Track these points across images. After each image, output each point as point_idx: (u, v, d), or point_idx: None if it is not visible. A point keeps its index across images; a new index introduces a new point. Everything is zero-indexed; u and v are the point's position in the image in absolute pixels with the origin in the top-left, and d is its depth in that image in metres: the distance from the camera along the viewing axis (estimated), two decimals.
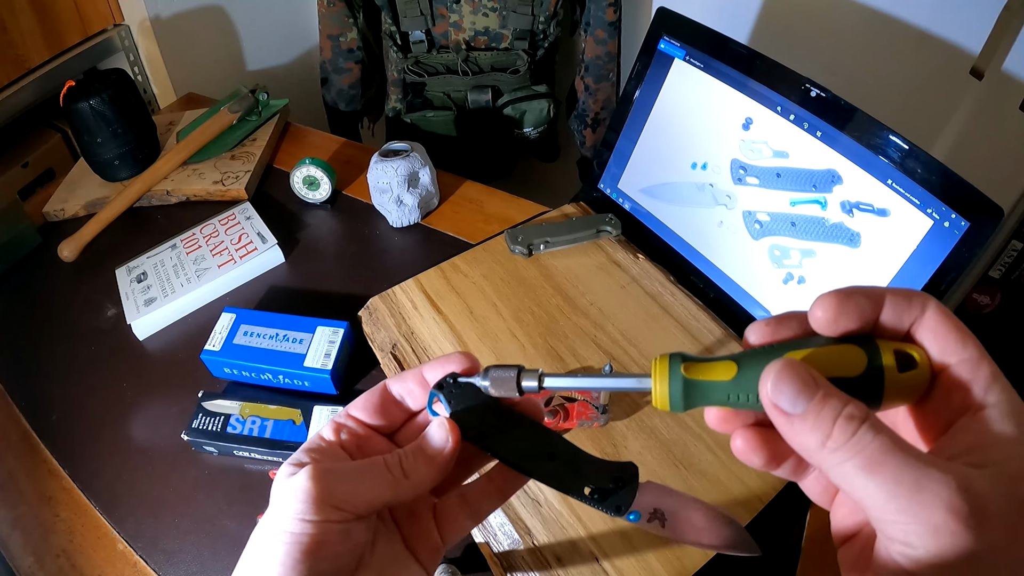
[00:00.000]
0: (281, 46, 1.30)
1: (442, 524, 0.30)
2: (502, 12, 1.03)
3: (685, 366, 0.24)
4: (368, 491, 0.26)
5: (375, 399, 0.30)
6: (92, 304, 0.76)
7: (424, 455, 0.28)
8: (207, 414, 0.61)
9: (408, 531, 0.29)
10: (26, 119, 0.97)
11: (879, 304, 0.22)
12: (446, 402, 0.29)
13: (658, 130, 0.71)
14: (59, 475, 0.61)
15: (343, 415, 0.30)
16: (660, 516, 0.30)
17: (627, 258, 0.72)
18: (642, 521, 0.30)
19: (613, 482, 0.30)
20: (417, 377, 0.30)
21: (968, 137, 0.88)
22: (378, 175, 0.78)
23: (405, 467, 0.27)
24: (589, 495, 0.29)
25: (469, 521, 0.30)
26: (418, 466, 0.27)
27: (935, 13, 0.85)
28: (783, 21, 1.00)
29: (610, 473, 0.30)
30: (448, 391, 0.29)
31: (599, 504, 0.29)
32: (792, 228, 0.61)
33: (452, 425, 0.28)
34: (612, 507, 0.29)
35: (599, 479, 0.29)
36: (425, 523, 0.30)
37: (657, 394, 0.24)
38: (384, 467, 0.27)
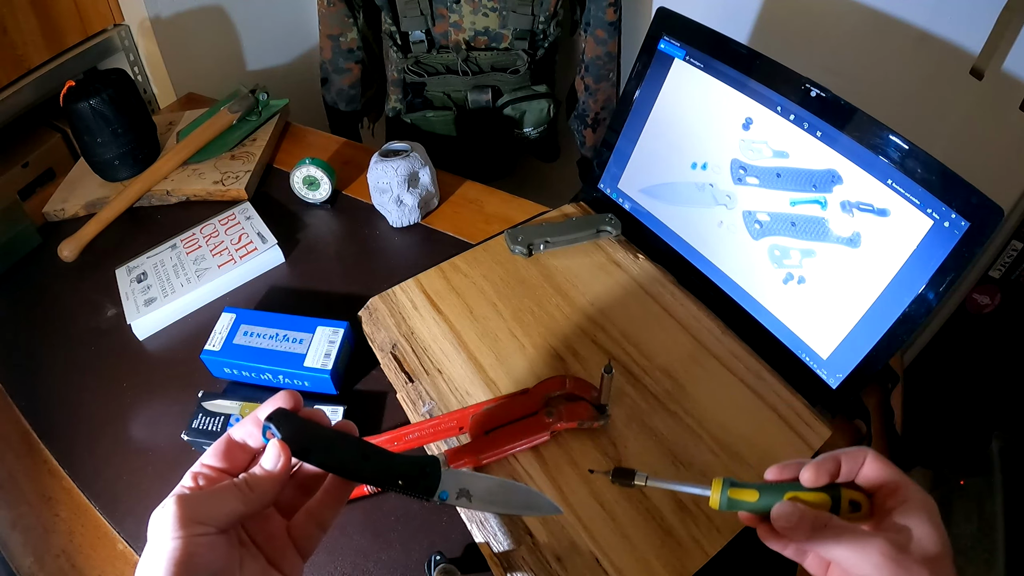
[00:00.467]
0: (281, 46, 1.30)
1: (296, 537, 0.37)
2: (502, 12, 1.03)
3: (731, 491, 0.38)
4: (224, 506, 0.33)
5: (222, 447, 0.36)
6: (92, 304, 0.76)
7: (263, 471, 0.35)
8: (207, 414, 0.61)
9: (269, 551, 0.36)
10: (26, 119, 0.97)
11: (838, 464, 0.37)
12: (276, 429, 0.35)
13: (658, 130, 0.71)
14: (59, 475, 0.61)
15: (198, 465, 0.36)
16: (466, 494, 0.38)
17: (627, 258, 0.72)
18: (451, 498, 0.38)
19: (419, 472, 0.37)
20: (254, 420, 0.36)
21: (968, 137, 0.88)
22: (378, 175, 0.78)
23: (250, 483, 0.34)
24: (402, 485, 0.37)
25: (318, 531, 0.37)
26: (260, 481, 0.34)
27: (935, 13, 0.85)
28: (783, 21, 1.00)
29: (417, 465, 0.38)
30: (277, 421, 0.35)
31: (411, 491, 0.37)
32: (792, 228, 0.61)
33: (282, 445, 0.35)
34: (422, 490, 0.37)
35: (408, 471, 0.37)
36: (281, 541, 0.36)
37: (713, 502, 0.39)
38: (234, 486, 0.34)
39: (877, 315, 0.55)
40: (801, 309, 0.61)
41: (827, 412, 0.59)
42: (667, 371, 0.61)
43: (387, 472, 0.37)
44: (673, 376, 0.60)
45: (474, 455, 0.54)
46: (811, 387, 0.60)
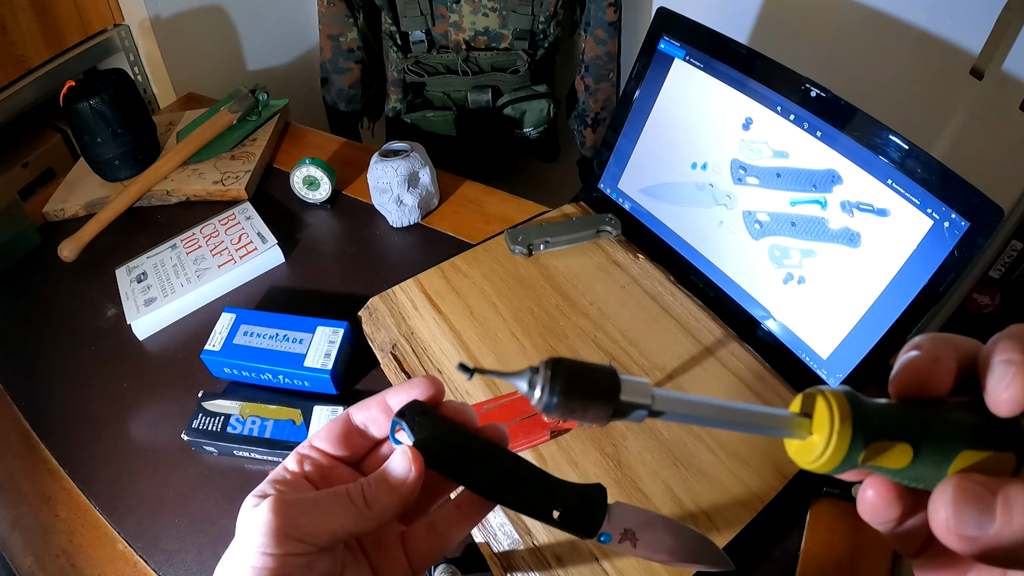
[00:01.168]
0: (281, 46, 1.30)
1: (411, 551, 0.30)
2: (502, 12, 1.03)
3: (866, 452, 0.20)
4: (330, 522, 0.26)
5: (338, 429, 0.30)
6: (92, 304, 0.76)
7: (387, 485, 0.27)
8: (207, 414, 0.61)
9: (377, 560, 0.29)
10: (26, 119, 0.97)
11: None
12: (409, 430, 0.28)
13: (658, 130, 0.71)
14: (59, 475, 0.61)
15: (306, 446, 0.29)
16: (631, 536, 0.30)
17: (627, 258, 0.72)
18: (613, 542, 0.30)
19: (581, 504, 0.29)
20: (380, 404, 0.29)
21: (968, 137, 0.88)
22: (378, 175, 0.78)
23: (367, 497, 0.27)
24: (559, 518, 0.29)
25: (438, 548, 0.30)
26: (381, 496, 0.27)
27: (935, 13, 0.85)
28: (783, 21, 1.00)
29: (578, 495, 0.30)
30: (411, 419, 0.28)
31: (569, 527, 0.29)
32: (792, 228, 0.61)
33: (415, 454, 0.28)
34: (583, 529, 0.29)
35: (568, 502, 0.29)
36: (394, 552, 0.29)
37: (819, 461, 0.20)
38: (347, 498, 0.27)
39: (877, 315, 0.55)
40: (801, 309, 0.61)
41: None
42: (667, 371, 0.61)
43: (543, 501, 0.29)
44: (673, 376, 0.60)
45: None
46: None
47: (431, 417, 0.29)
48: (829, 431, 0.19)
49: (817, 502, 0.57)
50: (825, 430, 0.19)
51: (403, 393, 0.29)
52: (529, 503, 0.29)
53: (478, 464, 0.29)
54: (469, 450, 0.29)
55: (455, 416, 0.30)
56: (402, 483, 0.27)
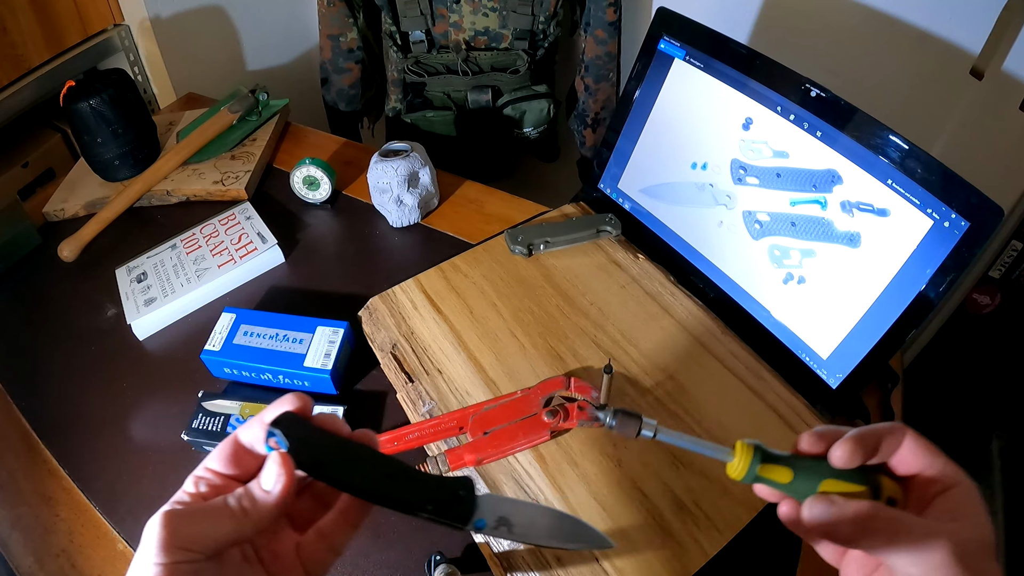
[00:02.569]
0: (281, 46, 1.30)
1: (305, 559, 0.32)
2: (502, 12, 1.03)
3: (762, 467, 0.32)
4: (212, 530, 0.28)
5: (227, 450, 0.32)
6: (92, 304, 0.76)
7: (260, 491, 0.30)
8: (207, 414, 0.61)
9: (274, 570, 0.31)
10: (26, 119, 0.97)
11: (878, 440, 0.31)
12: (281, 438, 0.30)
13: (658, 130, 0.71)
14: (59, 475, 0.61)
15: (201, 468, 0.32)
16: (506, 523, 0.33)
17: (627, 258, 0.72)
18: (489, 528, 0.32)
19: (451, 496, 0.32)
20: (261, 423, 0.31)
21: (968, 137, 0.88)
22: (378, 175, 0.78)
23: (244, 504, 0.29)
24: (431, 511, 0.31)
25: (330, 555, 0.32)
26: (256, 502, 0.30)
27: (935, 13, 0.85)
28: (783, 21, 1.00)
29: (448, 488, 0.32)
30: (283, 428, 0.30)
31: (443, 518, 0.31)
32: (792, 228, 0.61)
33: (285, 459, 0.30)
34: (455, 518, 0.32)
35: (438, 495, 0.32)
36: (289, 561, 0.32)
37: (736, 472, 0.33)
38: (226, 506, 0.29)
39: (877, 315, 0.55)
40: (801, 309, 0.61)
41: (827, 412, 0.59)
42: (667, 371, 0.61)
43: (414, 496, 0.31)
44: (673, 376, 0.60)
45: (474, 455, 0.54)
46: (811, 387, 0.60)
47: (302, 426, 0.31)
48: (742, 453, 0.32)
49: None
50: (740, 454, 0.32)
51: (276, 409, 0.32)
52: (401, 499, 0.31)
53: (348, 465, 0.31)
54: (339, 453, 0.31)
55: (326, 425, 0.32)
56: (274, 487, 0.30)
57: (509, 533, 0.33)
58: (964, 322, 1.00)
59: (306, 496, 0.34)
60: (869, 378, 0.58)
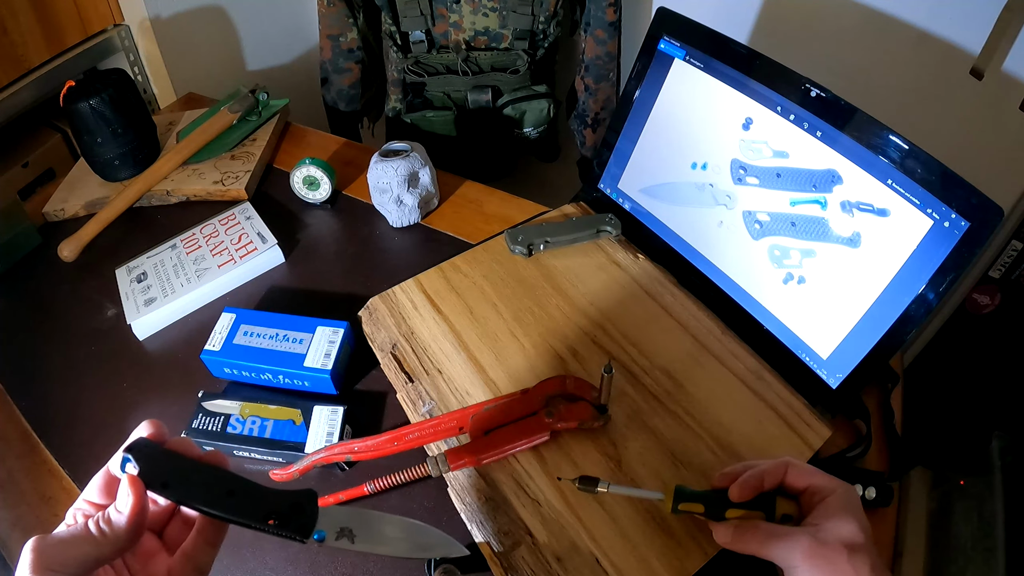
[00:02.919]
0: (281, 46, 1.30)
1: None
2: (502, 12, 1.03)
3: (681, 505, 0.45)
4: (75, 551, 0.31)
5: (99, 481, 0.34)
6: (92, 304, 0.76)
7: (116, 512, 0.32)
8: (207, 414, 0.61)
9: None
10: (26, 119, 0.97)
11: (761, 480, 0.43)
12: (135, 462, 0.33)
13: (658, 130, 0.71)
14: (59, 475, 0.61)
15: (79, 500, 0.34)
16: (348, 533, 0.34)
17: (627, 258, 0.72)
18: (330, 539, 0.34)
19: (292, 509, 0.33)
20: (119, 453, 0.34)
21: (968, 137, 0.88)
22: (378, 175, 0.78)
23: (102, 526, 0.32)
24: (273, 525, 0.33)
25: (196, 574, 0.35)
26: (112, 523, 0.32)
27: (935, 13, 0.85)
28: (783, 21, 1.00)
29: (289, 502, 0.33)
30: (137, 452, 0.33)
31: (282, 530, 0.33)
32: (792, 228, 0.61)
33: (134, 481, 0.33)
34: (295, 530, 0.33)
35: (279, 507, 0.33)
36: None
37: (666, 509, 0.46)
38: (86, 528, 0.32)
39: (877, 315, 0.55)
40: (801, 309, 0.61)
41: (827, 412, 0.59)
42: (667, 371, 0.61)
43: (254, 508, 0.33)
44: (673, 376, 0.60)
45: (474, 455, 0.54)
46: (811, 387, 0.60)
47: (153, 450, 0.34)
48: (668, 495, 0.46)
49: None
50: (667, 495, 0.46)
51: (133, 436, 0.35)
52: (243, 513, 0.33)
53: (194, 484, 0.33)
54: (184, 473, 0.33)
55: (177, 448, 0.35)
56: (125, 506, 0.32)
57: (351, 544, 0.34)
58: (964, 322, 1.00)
59: (178, 520, 0.37)
60: (869, 378, 0.58)
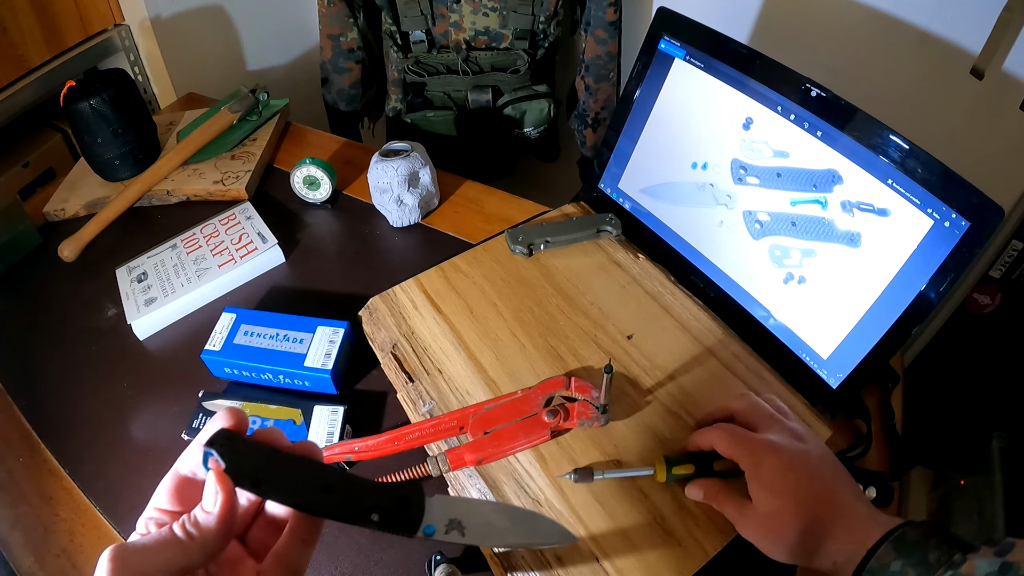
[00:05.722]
0: (281, 46, 1.30)
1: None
2: (502, 12, 1.03)
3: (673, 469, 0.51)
4: (159, 558, 0.28)
5: (170, 485, 0.32)
6: (92, 304, 0.76)
7: (203, 513, 0.29)
8: (207, 414, 0.61)
9: None
10: (26, 119, 0.97)
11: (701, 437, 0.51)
12: (219, 457, 0.29)
13: (658, 130, 0.71)
14: (59, 475, 0.61)
15: (149, 508, 0.31)
16: (458, 526, 0.31)
17: (627, 258, 0.72)
18: (439, 533, 0.30)
19: (397, 503, 0.30)
20: (197, 449, 0.31)
21: (968, 137, 0.88)
22: (378, 175, 0.78)
23: (189, 529, 0.29)
24: (378, 520, 0.30)
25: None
26: (200, 525, 0.29)
27: (935, 13, 0.85)
28: (783, 21, 1.00)
29: (393, 495, 0.31)
30: (219, 447, 0.30)
31: (389, 527, 0.30)
32: (792, 228, 0.61)
33: (221, 476, 0.29)
34: (402, 527, 0.30)
35: (383, 502, 0.30)
36: None
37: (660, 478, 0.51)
38: (171, 533, 0.29)
39: (877, 315, 0.55)
40: (801, 309, 0.61)
41: (827, 412, 0.59)
42: (667, 371, 0.61)
43: (356, 504, 0.30)
44: (673, 376, 0.60)
45: (474, 455, 0.54)
46: (811, 387, 0.60)
47: (238, 442, 0.30)
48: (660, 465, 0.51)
49: None
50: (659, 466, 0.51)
51: (212, 428, 0.31)
52: (344, 509, 0.30)
53: (288, 479, 0.30)
54: (276, 466, 0.30)
55: (265, 439, 0.32)
56: (214, 508, 0.29)
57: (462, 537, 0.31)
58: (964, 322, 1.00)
59: (261, 522, 0.34)
60: (869, 378, 0.58)
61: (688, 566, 0.48)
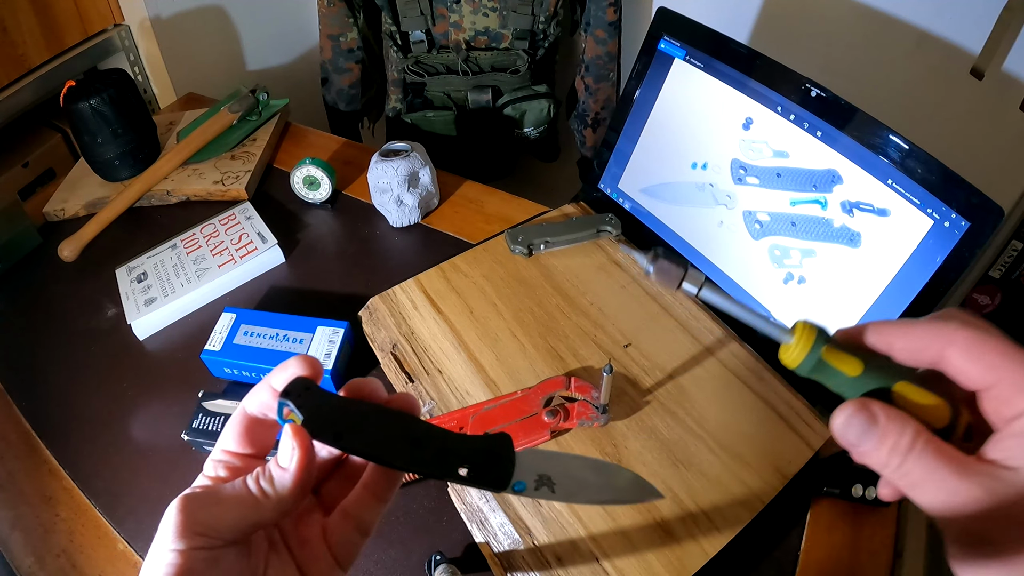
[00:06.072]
0: (281, 46, 1.30)
1: (333, 544, 0.29)
2: (502, 12, 1.03)
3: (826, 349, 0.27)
4: (230, 514, 0.26)
5: (240, 426, 0.29)
6: (92, 304, 0.76)
7: (278, 468, 0.27)
8: (207, 414, 0.61)
9: (301, 557, 0.29)
10: (26, 119, 0.97)
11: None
12: (296, 408, 0.27)
13: (658, 130, 0.71)
14: (59, 475, 0.61)
15: (217, 450, 0.29)
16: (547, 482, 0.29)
17: (627, 258, 0.72)
18: (529, 490, 0.29)
19: (487, 457, 0.28)
20: (269, 390, 0.29)
21: (968, 137, 0.88)
22: (378, 175, 0.78)
23: (263, 484, 0.27)
24: (466, 475, 0.28)
25: (358, 536, 0.30)
26: (274, 481, 0.27)
27: (935, 13, 0.85)
28: (783, 21, 1.00)
29: (483, 449, 0.29)
30: (295, 397, 0.28)
31: (478, 482, 0.28)
32: (792, 228, 0.61)
33: (299, 431, 0.27)
34: (492, 482, 0.28)
35: (472, 456, 0.28)
36: (316, 547, 0.29)
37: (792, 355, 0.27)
38: (244, 487, 0.27)
39: (877, 315, 0.55)
40: (801, 309, 0.61)
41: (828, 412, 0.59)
42: (667, 371, 0.61)
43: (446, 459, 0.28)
44: (673, 376, 0.60)
45: None
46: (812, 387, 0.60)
47: (316, 392, 0.28)
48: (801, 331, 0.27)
49: (817, 502, 0.57)
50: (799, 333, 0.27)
51: (284, 373, 0.28)
52: (432, 464, 0.28)
53: (371, 431, 0.28)
54: (360, 418, 0.28)
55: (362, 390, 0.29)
56: (291, 464, 0.27)
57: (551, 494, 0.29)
58: None
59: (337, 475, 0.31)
60: None
61: (688, 566, 0.48)
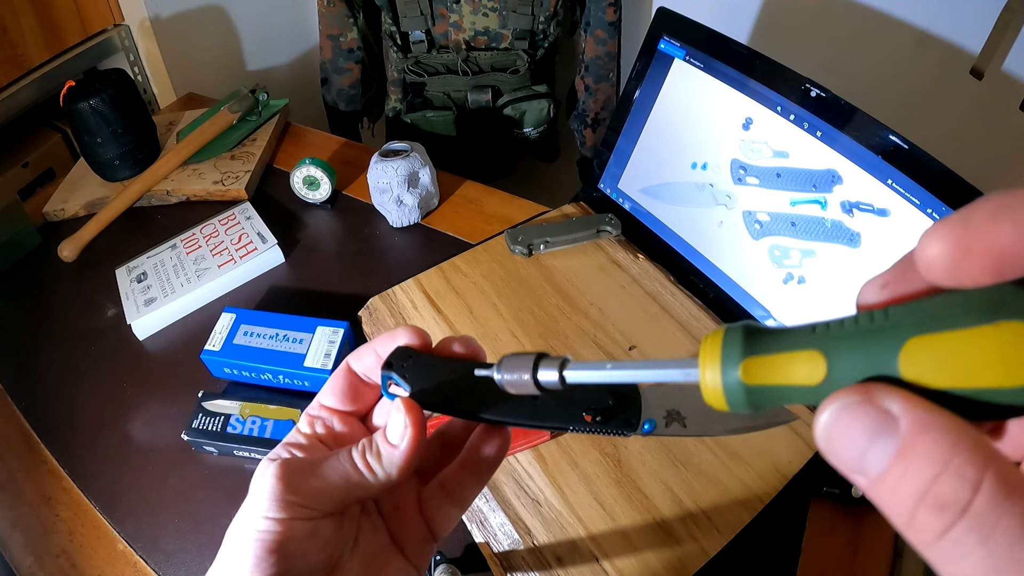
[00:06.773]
0: (281, 46, 1.30)
1: (428, 515, 0.28)
2: (502, 12, 1.03)
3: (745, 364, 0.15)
4: (333, 488, 0.25)
5: (340, 383, 0.28)
6: (92, 304, 0.76)
7: (387, 445, 0.25)
8: (207, 414, 0.61)
9: (394, 525, 0.28)
10: (26, 119, 0.97)
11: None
12: (401, 380, 0.26)
13: (658, 130, 0.71)
14: (59, 475, 0.61)
15: (315, 406, 0.28)
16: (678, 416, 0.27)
17: (627, 258, 0.72)
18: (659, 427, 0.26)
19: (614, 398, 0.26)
20: (372, 353, 0.27)
21: (968, 137, 0.88)
22: (378, 175, 0.78)
23: (370, 461, 0.25)
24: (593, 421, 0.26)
25: (455, 509, 0.28)
26: (383, 459, 0.25)
27: (935, 13, 0.85)
28: (783, 21, 1.00)
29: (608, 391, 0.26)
30: (399, 368, 0.26)
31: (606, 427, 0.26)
32: (792, 228, 0.61)
33: (409, 405, 0.25)
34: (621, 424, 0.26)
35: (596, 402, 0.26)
36: (411, 515, 0.28)
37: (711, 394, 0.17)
38: (349, 461, 0.25)
39: None
40: (801, 309, 0.61)
41: None
42: None
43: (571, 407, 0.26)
44: None
45: None
46: None
47: (421, 360, 0.26)
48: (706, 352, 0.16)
49: (817, 502, 0.57)
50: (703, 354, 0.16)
51: (389, 342, 0.27)
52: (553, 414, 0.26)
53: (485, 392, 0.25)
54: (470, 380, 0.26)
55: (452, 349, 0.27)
56: (401, 441, 0.25)
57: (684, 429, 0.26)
58: None
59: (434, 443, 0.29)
60: None
61: (688, 566, 0.48)
